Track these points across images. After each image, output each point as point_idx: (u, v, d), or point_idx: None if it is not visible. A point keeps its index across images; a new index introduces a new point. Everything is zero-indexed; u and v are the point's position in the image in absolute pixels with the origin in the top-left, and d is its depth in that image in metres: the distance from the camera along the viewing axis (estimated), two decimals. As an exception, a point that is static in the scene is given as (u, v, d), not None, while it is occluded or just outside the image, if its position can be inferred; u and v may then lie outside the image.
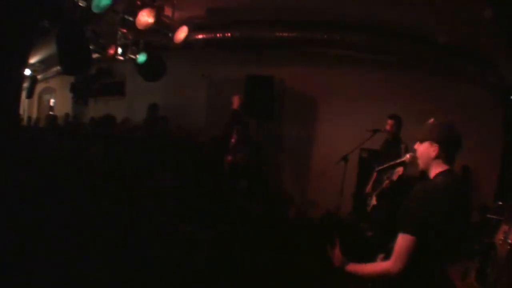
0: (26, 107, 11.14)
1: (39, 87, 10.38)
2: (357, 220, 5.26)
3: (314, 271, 3.96)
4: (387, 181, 4.54)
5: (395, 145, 4.45)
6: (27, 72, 8.95)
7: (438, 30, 4.75)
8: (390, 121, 4.58)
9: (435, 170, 1.90)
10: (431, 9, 4.29)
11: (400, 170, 4.42)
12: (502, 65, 4.97)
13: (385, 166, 4.87)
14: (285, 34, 5.51)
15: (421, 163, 1.98)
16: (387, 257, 1.92)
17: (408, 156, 4.54)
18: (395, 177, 4.46)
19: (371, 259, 2.00)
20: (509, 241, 2.63)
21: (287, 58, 5.87)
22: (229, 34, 5.68)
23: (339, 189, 5.00)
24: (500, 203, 3.58)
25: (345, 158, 5.01)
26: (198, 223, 3.28)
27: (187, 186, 3.48)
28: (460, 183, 1.93)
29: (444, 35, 4.79)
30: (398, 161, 4.60)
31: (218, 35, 5.72)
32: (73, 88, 7.47)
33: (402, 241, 1.72)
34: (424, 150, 1.93)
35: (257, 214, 4.64)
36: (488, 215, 3.52)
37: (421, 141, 1.95)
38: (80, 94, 7.75)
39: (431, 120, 1.98)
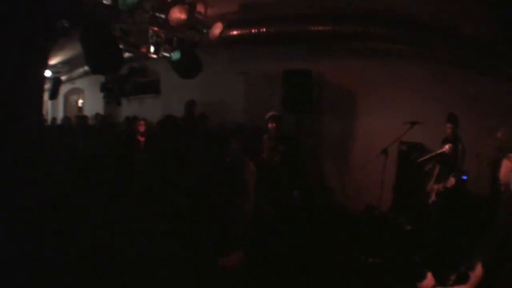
0: (50, 108, 11.32)
1: (64, 88, 10.50)
2: (396, 214, 5.22)
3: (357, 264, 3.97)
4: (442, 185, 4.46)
5: (455, 144, 4.39)
6: (48, 73, 9.02)
7: (466, 23, 4.67)
8: (449, 125, 4.48)
9: None
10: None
11: (452, 180, 4.29)
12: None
13: (426, 157, 4.85)
14: (320, 28, 5.48)
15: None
16: (459, 279, 2.15)
17: (447, 147, 4.54)
18: (449, 184, 4.34)
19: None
20: None
21: (324, 52, 5.84)
22: (264, 30, 5.67)
23: (379, 182, 4.97)
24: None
25: (385, 152, 4.99)
26: None
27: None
28: None
29: (471, 27, 4.72)
30: (439, 151, 4.61)
31: (253, 30, 5.72)
32: (104, 88, 7.49)
33: None
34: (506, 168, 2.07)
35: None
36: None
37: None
38: (112, 94, 7.76)
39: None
